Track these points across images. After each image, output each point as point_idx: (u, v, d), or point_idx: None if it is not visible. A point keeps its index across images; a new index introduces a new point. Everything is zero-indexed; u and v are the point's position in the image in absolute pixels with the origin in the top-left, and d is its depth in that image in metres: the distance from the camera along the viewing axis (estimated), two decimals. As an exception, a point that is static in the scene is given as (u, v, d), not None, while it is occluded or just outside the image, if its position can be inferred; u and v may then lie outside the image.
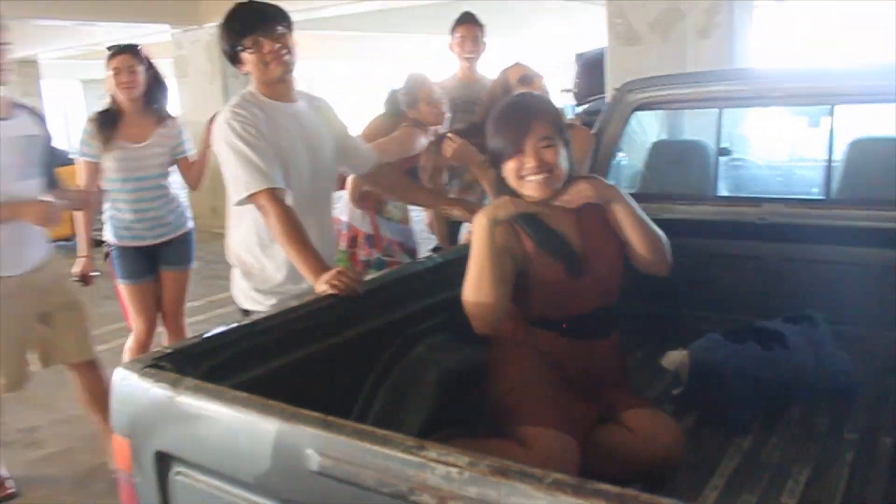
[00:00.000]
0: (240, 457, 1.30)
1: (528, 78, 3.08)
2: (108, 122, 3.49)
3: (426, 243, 4.34)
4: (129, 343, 3.73)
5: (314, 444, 1.18)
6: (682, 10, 5.52)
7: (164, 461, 1.43)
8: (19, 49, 12.40)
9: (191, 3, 8.85)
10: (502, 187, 1.99)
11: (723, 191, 3.19)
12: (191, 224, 3.77)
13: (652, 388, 2.40)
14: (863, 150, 2.80)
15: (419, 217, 4.09)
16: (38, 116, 2.97)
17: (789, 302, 2.55)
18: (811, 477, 1.96)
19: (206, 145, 3.54)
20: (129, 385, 1.48)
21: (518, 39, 13.66)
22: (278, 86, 2.25)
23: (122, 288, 3.67)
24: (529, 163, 1.89)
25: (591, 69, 6.30)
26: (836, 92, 2.66)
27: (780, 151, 4.93)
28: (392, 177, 2.68)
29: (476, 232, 1.89)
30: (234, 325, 1.80)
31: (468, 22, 3.95)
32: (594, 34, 7.98)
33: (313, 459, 1.18)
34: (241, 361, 1.68)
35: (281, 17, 2.23)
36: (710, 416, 2.23)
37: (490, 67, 3.73)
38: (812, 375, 2.24)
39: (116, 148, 3.46)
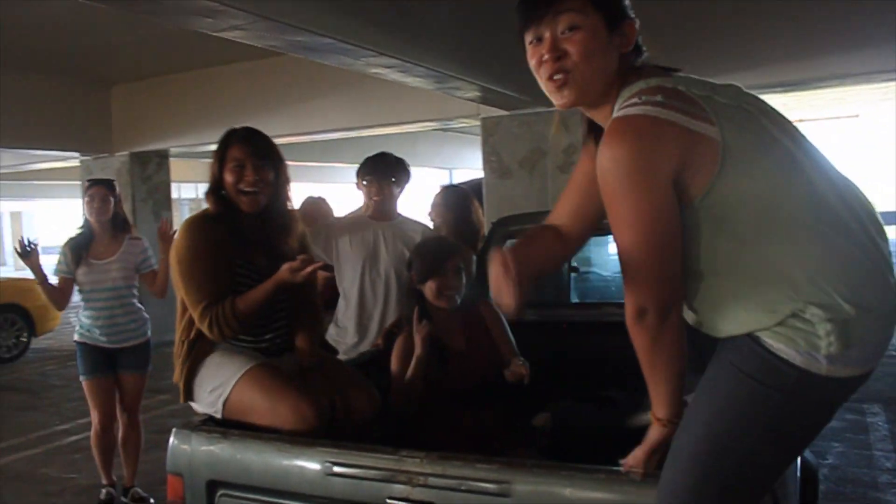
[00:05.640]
0: (273, 474, 2.10)
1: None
2: (80, 244, 4.16)
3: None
4: (92, 433, 4.28)
5: (327, 458, 2.00)
6: (544, 151, 6.77)
7: (213, 487, 2.19)
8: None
9: (103, 133, 9.48)
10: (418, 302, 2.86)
11: (574, 298, 4.21)
12: (149, 333, 4.36)
13: (526, 441, 3.27)
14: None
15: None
16: None
17: (622, 376, 3.51)
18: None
19: (165, 256, 4.11)
20: (186, 438, 2.24)
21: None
22: None
23: (83, 383, 4.19)
24: (449, 282, 2.80)
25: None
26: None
27: (614, 266, 6.09)
28: None
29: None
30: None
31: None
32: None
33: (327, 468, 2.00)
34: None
35: None
36: (568, 456, 3.11)
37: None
38: (634, 425, 3.20)
39: (85, 264, 4.13)
